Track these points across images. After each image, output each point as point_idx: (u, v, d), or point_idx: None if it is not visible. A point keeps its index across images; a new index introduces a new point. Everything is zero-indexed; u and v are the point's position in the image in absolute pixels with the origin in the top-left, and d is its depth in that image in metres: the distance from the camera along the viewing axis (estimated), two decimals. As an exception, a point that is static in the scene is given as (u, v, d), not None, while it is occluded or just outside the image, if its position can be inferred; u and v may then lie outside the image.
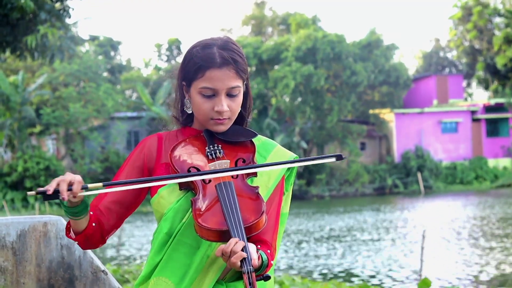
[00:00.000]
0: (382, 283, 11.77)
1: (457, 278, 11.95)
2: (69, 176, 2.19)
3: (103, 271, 3.27)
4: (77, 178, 2.19)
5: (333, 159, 2.28)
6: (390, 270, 13.12)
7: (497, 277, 11.92)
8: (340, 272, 13.23)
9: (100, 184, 2.23)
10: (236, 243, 2.10)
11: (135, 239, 20.63)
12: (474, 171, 42.85)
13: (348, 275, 12.75)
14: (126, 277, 10.15)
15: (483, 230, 18.69)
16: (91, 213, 2.33)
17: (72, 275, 3.23)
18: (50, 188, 2.15)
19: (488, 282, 11.56)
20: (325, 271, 13.43)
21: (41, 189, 2.16)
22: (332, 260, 14.69)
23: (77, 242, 2.37)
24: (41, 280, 3.20)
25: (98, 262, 3.29)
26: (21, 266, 3.17)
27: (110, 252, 17.63)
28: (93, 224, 2.34)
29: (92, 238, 2.36)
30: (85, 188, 2.21)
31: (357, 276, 12.63)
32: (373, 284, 11.39)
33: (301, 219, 24.84)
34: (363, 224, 21.77)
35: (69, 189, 2.17)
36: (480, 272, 12.48)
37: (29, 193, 2.20)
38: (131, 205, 2.44)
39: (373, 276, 12.49)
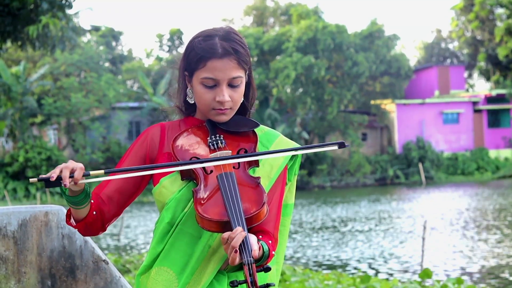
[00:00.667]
0: (381, 273, 11.78)
1: (456, 269, 11.96)
2: (71, 164, 2.19)
3: (104, 260, 3.28)
4: (79, 165, 2.20)
5: (335, 147, 2.28)
6: (389, 260, 13.13)
7: (494, 268, 11.93)
8: (338, 262, 13.24)
9: (102, 171, 2.23)
10: (239, 233, 2.09)
11: (130, 229, 20.66)
12: (476, 162, 42.85)
13: (347, 266, 12.76)
14: (127, 266, 10.18)
15: (482, 221, 18.70)
16: (92, 201, 2.33)
17: (73, 264, 3.24)
18: (53, 174, 2.15)
19: (486, 273, 11.57)
20: (321, 261, 13.44)
21: (43, 176, 2.16)
22: (329, 251, 14.70)
23: (77, 229, 2.38)
24: (42, 270, 3.20)
25: (99, 251, 3.29)
26: (22, 256, 3.18)
27: (108, 241, 17.65)
28: (94, 213, 2.34)
29: (93, 226, 2.36)
30: (86, 175, 2.21)
31: (354, 267, 12.64)
32: (372, 275, 11.40)
33: (301, 209, 24.85)
34: (363, 215, 21.78)
35: (71, 176, 2.17)
36: (478, 262, 12.49)
37: (31, 179, 2.20)
38: (132, 194, 2.44)
39: (372, 267, 12.50)
